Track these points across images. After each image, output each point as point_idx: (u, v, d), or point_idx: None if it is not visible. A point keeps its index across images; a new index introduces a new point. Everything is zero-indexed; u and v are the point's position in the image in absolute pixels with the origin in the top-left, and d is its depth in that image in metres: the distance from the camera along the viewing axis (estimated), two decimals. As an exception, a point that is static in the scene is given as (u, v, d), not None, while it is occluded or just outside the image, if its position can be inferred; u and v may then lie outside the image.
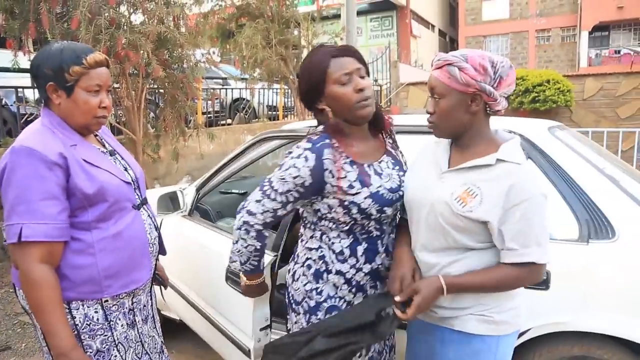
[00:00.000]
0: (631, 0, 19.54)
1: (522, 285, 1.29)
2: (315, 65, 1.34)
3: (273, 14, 6.38)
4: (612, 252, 1.68)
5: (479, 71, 1.21)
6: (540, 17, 22.45)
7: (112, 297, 1.41)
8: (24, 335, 3.06)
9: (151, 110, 5.51)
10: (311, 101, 1.39)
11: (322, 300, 1.38)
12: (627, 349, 1.67)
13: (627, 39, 21.66)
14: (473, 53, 1.24)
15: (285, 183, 1.32)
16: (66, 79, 1.31)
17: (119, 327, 1.43)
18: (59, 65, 1.30)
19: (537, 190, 1.22)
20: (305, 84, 1.38)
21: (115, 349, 1.42)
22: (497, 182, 1.22)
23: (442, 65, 1.24)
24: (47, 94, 1.34)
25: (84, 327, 1.36)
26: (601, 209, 1.73)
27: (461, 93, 1.23)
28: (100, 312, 1.39)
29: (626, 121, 7.59)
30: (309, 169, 1.30)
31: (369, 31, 19.59)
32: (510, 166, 1.23)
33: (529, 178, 1.23)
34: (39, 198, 1.24)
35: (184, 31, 4.48)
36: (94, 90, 1.35)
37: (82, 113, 1.35)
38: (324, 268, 1.39)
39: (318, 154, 1.31)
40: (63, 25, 3.75)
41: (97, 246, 1.35)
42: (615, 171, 1.94)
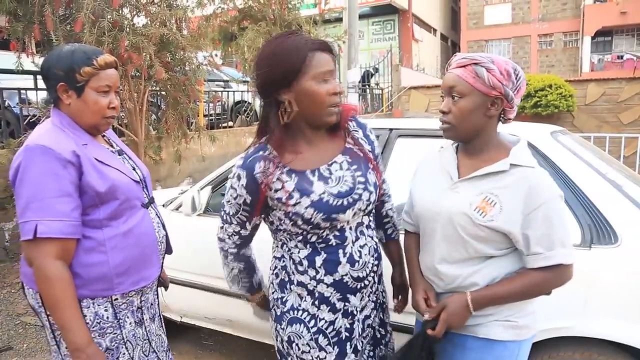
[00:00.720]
0: (634, 5, 19.55)
1: (550, 289, 1.27)
2: (291, 52, 1.19)
3: (275, 17, 6.39)
4: (614, 258, 1.67)
5: (503, 75, 1.20)
6: (543, 21, 22.47)
7: (122, 295, 1.43)
8: (26, 336, 3.06)
9: (153, 112, 5.53)
10: (271, 91, 1.24)
11: (286, 310, 1.34)
12: (629, 355, 1.67)
13: (630, 45, 21.66)
14: (497, 57, 1.23)
15: (232, 205, 1.33)
16: (77, 80, 1.34)
17: (128, 325, 1.45)
18: (70, 66, 1.33)
19: (555, 192, 1.22)
20: (270, 70, 1.21)
21: (124, 346, 1.44)
22: (515, 188, 1.21)
23: (466, 64, 1.22)
24: (58, 95, 1.37)
25: (94, 325, 1.38)
26: (604, 214, 1.72)
27: (483, 95, 1.21)
28: (110, 310, 1.40)
29: (628, 127, 7.57)
30: (243, 187, 1.27)
31: (371, 35, 19.62)
32: (524, 170, 1.22)
33: (545, 180, 1.22)
34: (53, 195, 1.26)
35: (186, 34, 4.50)
36: (103, 91, 1.38)
37: (92, 113, 1.38)
38: (287, 278, 1.34)
39: (248, 170, 1.26)
40: (66, 27, 3.76)
41: (108, 244, 1.37)
42: (617, 176, 1.93)
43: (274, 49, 1.22)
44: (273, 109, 1.25)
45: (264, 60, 1.23)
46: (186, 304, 2.61)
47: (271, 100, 1.26)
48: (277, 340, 1.39)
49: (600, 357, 1.68)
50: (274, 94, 1.24)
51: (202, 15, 5.92)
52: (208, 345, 2.98)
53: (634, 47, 21.44)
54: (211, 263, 2.49)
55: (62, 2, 3.68)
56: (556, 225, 1.20)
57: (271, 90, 1.24)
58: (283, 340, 1.36)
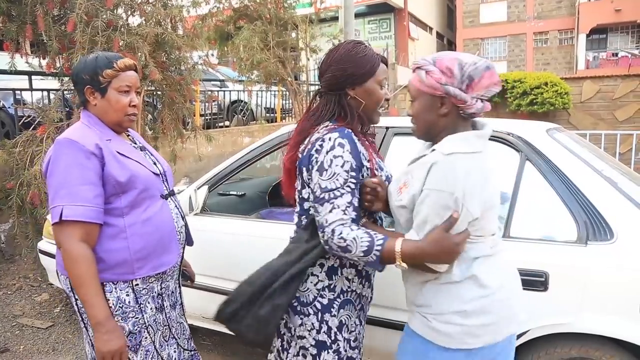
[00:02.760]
0: (629, 3, 19.62)
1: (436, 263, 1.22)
2: (371, 58, 1.41)
3: (271, 16, 6.39)
4: (610, 254, 1.68)
5: (445, 74, 1.21)
6: (538, 19, 22.52)
7: (142, 281, 1.54)
8: (22, 338, 3.05)
9: (149, 112, 5.51)
10: (345, 84, 1.41)
11: (336, 295, 1.40)
12: (625, 351, 1.67)
13: (625, 42, 21.73)
14: (444, 55, 1.25)
15: (339, 176, 1.29)
16: (100, 81, 1.51)
17: (149, 310, 1.56)
18: (94, 70, 1.51)
19: (445, 185, 1.16)
20: (354, 67, 1.40)
21: (145, 330, 1.55)
22: (422, 166, 1.24)
23: (414, 69, 1.30)
24: (86, 97, 1.54)
25: (117, 309, 1.49)
26: (599, 210, 1.73)
27: (430, 96, 1.25)
28: (131, 295, 1.51)
29: (624, 124, 7.60)
30: (349, 152, 1.32)
31: (367, 33, 19.62)
32: (436, 154, 1.22)
33: (446, 171, 1.18)
34: (78, 183, 1.40)
35: (181, 33, 4.48)
36: (124, 91, 1.54)
37: (115, 111, 1.53)
38: (338, 264, 1.40)
39: (349, 138, 1.34)
40: (60, 27, 3.74)
41: (129, 231, 1.49)
42: (613, 173, 1.94)
43: (360, 52, 1.41)
44: (344, 100, 1.42)
45: (344, 59, 1.41)
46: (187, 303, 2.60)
47: (340, 93, 1.42)
48: (321, 332, 1.38)
49: (597, 353, 1.69)
50: (346, 88, 1.41)
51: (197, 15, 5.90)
52: (206, 345, 2.97)
53: (628, 44, 21.52)
54: (209, 262, 2.50)
55: (56, 3, 3.66)
56: (427, 218, 1.18)
57: (345, 84, 1.41)
58: (331, 328, 1.39)
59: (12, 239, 3.90)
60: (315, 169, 1.33)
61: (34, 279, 3.93)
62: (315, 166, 1.33)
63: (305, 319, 1.40)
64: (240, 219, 2.58)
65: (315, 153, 1.34)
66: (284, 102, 8.72)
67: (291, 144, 1.48)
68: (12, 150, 3.73)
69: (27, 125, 3.99)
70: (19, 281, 3.88)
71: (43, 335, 3.07)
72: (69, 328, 3.17)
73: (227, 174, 2.58)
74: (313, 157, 1.35)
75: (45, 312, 3.40)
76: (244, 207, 3.08)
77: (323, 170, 1.31)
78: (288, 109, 8.81)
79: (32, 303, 3.55)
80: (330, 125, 1.39)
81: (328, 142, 1.33)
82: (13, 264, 4.09)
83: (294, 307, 1.42)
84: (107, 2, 3.58)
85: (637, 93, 7.61)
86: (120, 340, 1.41)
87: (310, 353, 1.41)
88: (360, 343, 1.47)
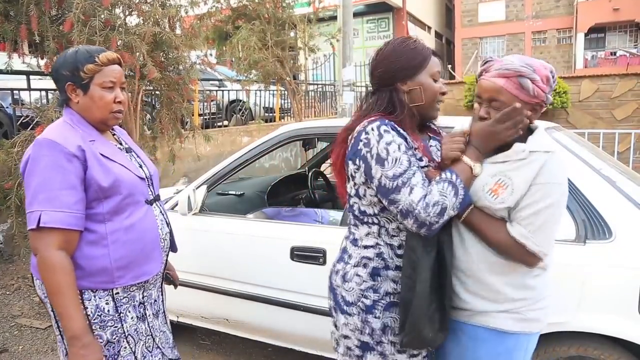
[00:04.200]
0: (627, 2, 19.63)
1: (507, 256, 1.27)
2: (421, 51, 1.37)
3: (269, 15, 6.38)
4: (608, 253, 1.68)
5: (545, 82, 1.24)
6: (536, 18, 22.53)
7: (123, 289, 1.46)
8: (21, 338, 3.04)
9: (147, 112, 5.50)
10: (396, 79, 1.36)
11: (380, 297, 1.35)
12: (624, 349, 1.68)
13: (623, 41, 21.75)
14: (537, 63, 1.24)
15: (401, 162, 1.25)
16: (82, 77, 1.41)
17: (129, 320, 1.48)
18: (75, 65, 1.41)
19: (562, 178, 1.24)
20: (403, 60, 1.36)
21: (125, 340, 1.47)
22: (527, 168, 1.23)
23: (510, 76, 1.23)
24: (67, 94, 1.44)
25: (95, 317, 1.41)
26: (598, 209, 1.73)
27: (525, 103, 1.24)
28: (111, 303, 1.44)
29: (622, 123, 7.61)
30: (397, 135, 1.28)
31: (366, 33, 19.61)
32: (541, 154, 1.24)
33: (557, 164, 1.24)
34: (58, 187, 1.32)
35: (179, 33, 4.48)
36: (108, 87, 1.44)
37: (98, 108, 1.44)
38: (383, 265, 1.36)
39: (391, 126, 1.31)
40: (58, 27, 3.73)
41: (110, 238, 1.42)
42: (611, 172, 1.94)
43: (408, 45, 1.37)
44: (394, 95, 1.37)
45: (396, 52, 1.37)
46: (183, 303, 2.60)
47: (391, 88, 1.37)
48: (364, 332, 1.36)
49: (596, 351, 1.69)
50: (396, 83, 1.36)
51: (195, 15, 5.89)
52: (205, 344, 2.97)
53: (626, 43, 21.54)
54: (208, 262, 2.50)
55: (54, 3, 3.65)
56: (545, 212, 1.21)
57: (396, 79, 1.36)
58: (374, 330, 1.35)
59: (10, 239, 3.90)
60: (374, 163, 1.27)
61: (33, 279, 3.93)
62: (372, 161, 1.28)
63: (349, 318, 1.38)
64: (239, 219, 2.58)
65: (364, 147, 1.29)
66: (283, 101, 8.71)
67: (338, 141, 1.45)
68: (11, 150, 3.72)
69: (26, 125, 3.98)
70: (18, 281, 3.87)
71: (42, 336, 3.07)
72: (67, 328, 3.17)
73: (226, 173, 2.58)
74: (362, 151, 1.30)
75: (44, 312, 3.40)
76: (242, 206, 3.08)
77: (383, 161, 1.26)
78: (287, 108, 8.80)
79: (31, 303, 3.54)
80: (371, 117, 1.34)
81: (372, 132, 1.29)
82: (11, 264, 4.08)
83: (340, 305, 1.40)
84: (104, 1, 3.58)
85: (635, 92, 7.62)
86: (96, 355, 1.33)
87: (355, 354, 1.39)
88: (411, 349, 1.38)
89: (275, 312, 2.31)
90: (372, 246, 1.37)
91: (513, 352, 1.32)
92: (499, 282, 1.29)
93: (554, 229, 1.25)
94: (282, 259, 2.20)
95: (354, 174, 1.36)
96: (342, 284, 1.40)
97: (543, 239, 1.22)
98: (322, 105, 9.93)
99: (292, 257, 2.19)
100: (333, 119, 7.87)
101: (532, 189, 1.22)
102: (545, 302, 1.34)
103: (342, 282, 1.40)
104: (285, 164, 7.13)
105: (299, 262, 2.16)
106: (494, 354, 1.31)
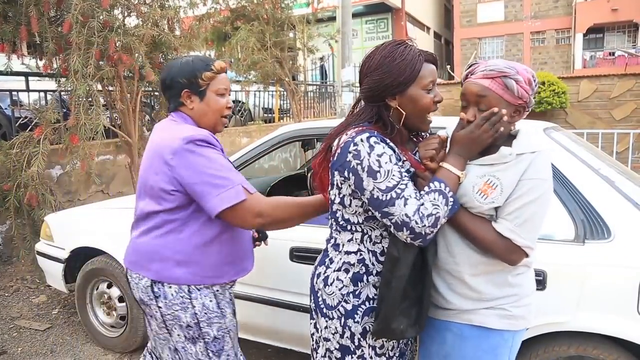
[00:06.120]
0: (625, 2, 19.66)
1: (493, 254, 1.28)
2: (410, 63, 1.29)
3: (268, 16, 6.39)
4: (607, 253, 1.68)
5: (528, 85, 1.27)
6: (535, 19, 22.55)
7: (221, 286, 1.59)
8: (20, 340, 3.04)
9: (147, 113, 5.50)
10: (384, 95, 1.32)
11: (361, 302, 1.35)
12: (623, 349, 1.68)
13: (621, 41, 21.78)
14: (519, 66, 1.28)
15: (392, 172, 1.24)
16: (199, 85, 1.53)
17: (229, 315, 1.61)
18: (193, 73, 1.52)
19: (547, 175, 1.27)
20: (390, 77, 1.29)
21: (228, 335, 1.59)
22: (515, 169, 1.26)
23: (495, 77, 1.25)
24: (182, 100, 1.55)
25: (202, 315, 1.53)
26: (597, 209, 1.73)
27: (509, 104, 1.27)
28: (213, 300, 1.55)
29: (621, 123, 7.61)
30: (387, 146, 1.27)
31: (365, 33, 19.63)
32: (527, 155, 1.26)
33: (544, 162, 1.27)
34: (232, 169, 1.50)
35: (178, 34, 4.48)
36: (221, 93, 1.57)
37: (213, 113, 1.56)
38: (364, 271, 1.35)
39: (380, 137, 1.29)
40: (57, 28, 3.73)
41: (224, 235, 1.54)
42: (610, 172, 1.95)
43: (397, 57, 1.29)
44: (384, 112, 1.34)
45: (384, 66, 1.30)
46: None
47: (380, 105, 1.34)
48: (344, 336, 1.37)
49: (595, 351, 1.69)
50: (385, 99, 1.32)
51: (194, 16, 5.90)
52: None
53: (625, 43, 21.57)
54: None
55: (52, 4, 3.65)
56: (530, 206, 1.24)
57: (384, 95, 1.32)
58: (355, 334, 1.35)
59: (9, 240, 3.89)
60: (365, 176, 1.25)
61: (32, 280, 3.92)
62: (363, 174, 1.25)
63: (330, 321, 1.38)
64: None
65: (354, 159, 1.26)
66: (282, 102, 8.71)
67: (323, 147, 1.43)
68: (9, 152, 3.72)
69: (24, 127, 3.98)
70: (17, 283, 3.87)
71: (41, 337, 3.07)
72: (67, 330, 3.16)
73: None
74: (352, 163, 1.27)
75: (43, 314, 3.39)
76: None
77: (375, 173, 1.24)
78: (286, 109, 8.81)
79: (30, 305, 3.54)
80: (359, 127, 1.32)
81: (362, 144, 1.26)
82: (10, 266, 4.07)
83: (320, 308, 1.41)
84: (103, 2, 3.58)
85: (633, 92, 7.62)
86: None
87: (335, 356, 1.39)
88: (390, 351, 1.39)
89: (274, 313, 2.31)
90: (354, 252, 1.37)
91: (497, 349, 1.33)
92: (481, 282, 1.31)
93: (539, 225, 1.27)
94: (282, 260, 2.20)
95: (340, 184, 1.34)
96: (324, 287, 1.40)
97: (528, 233, 1.24)
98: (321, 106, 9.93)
99: (292, 258, 2.18)
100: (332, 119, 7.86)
101: (519, 184, 1.25)
102: (530, 299, 1.36)
103: (323, 286, 1.41)
104: (285, 164, 7.13)
105: (298, 263, 2.16)
106: (479, 351, 1.33)
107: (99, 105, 3.66)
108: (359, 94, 1.39)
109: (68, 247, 2.91)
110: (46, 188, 3.76)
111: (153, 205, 1.50)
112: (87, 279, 2.87)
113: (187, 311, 1.50)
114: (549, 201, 1.29)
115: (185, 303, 1.50)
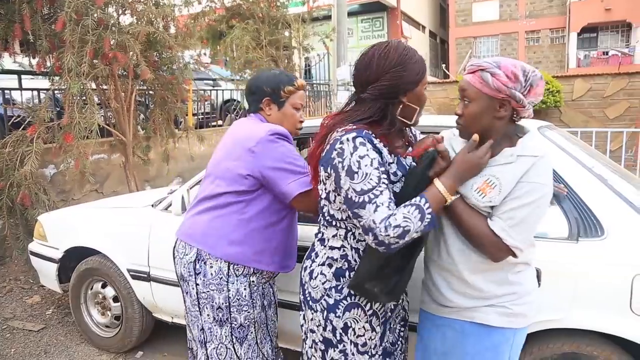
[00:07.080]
0: (619, 2, 19.77)
1: (480, 246, 1.29)
2: (421, 62, 1.38)
3: (263, 15, 6.37)
4: (601, 250, 1.69)
5: (510, 78, 1.26)
6: (530, 18, 22.63)
7: (258, 278, 1.69)
8: (14, 341, 3.01)
9: (141, 111, 5.47)
10: (399, 92, 1.34)
11: (343, 297, 1.38)
12: (616, 346, 1.69)
13: (615, 41, 21.90)
14: (506, 61, 1.29)
15: (371, 176, 1.24)
16: (281, 95, 1.72)
17: (258, 307, 1.71)
18: (277, 85, 1.71)
19: (548, 181, 1.28)
20: (411, 74, 1.34)
21: (252, 326, 1.69)
22: (515, 170, 1.27)
23: (474, 71, 1.30)
24: (261, 106, 1.74)
25: (234, 300, 1.64)
26: (590, 207, 1.74)
27: (491, 98, 1.28)
28: (247, 289, 1.66)
29: (614, 121, 7.66)
30: (372, 149, 1.27)
31: (360, 32, 19.62)
32: (529, 158, 1.27)
33: (545, 168, 1.28)
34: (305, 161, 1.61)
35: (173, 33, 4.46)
36: (297, 107, 1.75)
37: (288, 123, 1.73)
38: (347, 267, 1.39)
39: (368, 138, 1.29)
40: (50, 26, 3.70)
41: (279, 226, 1.68)
42: (604, 170, 1.96)
43: (413, 59, 1.35)
44: (391, 108, 1.36)
45: (400, 64, 1.33)
46: (177, 304, 2.59)
47: (393, 100, 1.35)
48: (327, 330, 1.40)
49: (589, 348, 1.70)
50: (399, 95, 1.35)
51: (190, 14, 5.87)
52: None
53: (618, 43, 21.69)
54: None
55: (45, 1, 3.62)
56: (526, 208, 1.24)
57: (400, 92, 1.35)
58: (336, 328, 1.39)
59: (2, 240, 3.86)
60: (343, 175, 1.27)
61: (25, 281, 3.89)
62: (342, 172, 1.27)
63: (314, 314, 1.42)
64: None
65: (337, 157, 1.28)
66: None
67: (317, 139, 1.43)
68: (2, 151, 3.69)
69: (17, 125, 3.95)
70: (10, 283, 3.84)
71: (35, 338, 3.05)
72: (61, 330, 3.14)
73: None
74: (335, 160, 1.29)
75: (37, 315, 3.37)
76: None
77: (353, 174, 1.25)
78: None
79: (23, 305, 3.51)
80: (349, 127, 1.33)
81: (347, 143, 1.28)
82: (3, 266, 4.04)
83: (307, 301, 1.45)
84: (97, 0, 3.55)
85: (627, 91, 7.67)
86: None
87: (320, 348, 1.43)
88: (372, 349, 1.40)
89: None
90: (338, 248, 1.40)
91: (499, 346, 1.34)
92: (481, 280, 1.32)
93: (533, 228, 1.28)
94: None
95: (325, 180, 1.37)
96: (309, 280, 1.44)
97: (520, 235, 1.25)
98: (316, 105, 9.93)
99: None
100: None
101: (518, 186, 1.26)
102: (531, 297, 1.37)
103: (309, 279, 1.45)
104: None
105: (298, 262, 2.16)
106: (480, 349, 1.33)
107: (93, 104, 3.64)
108: (367, 91, 1.36)
109: (62, 246, 2.89)
110: (39, 187, 3.73)
111: (224, 186, 1.64)
112: (81, 279, 2.85)
113: (222, 293, 1.63)
114: (546, 206, 1.29)
115: (222, 285, 1.63)
